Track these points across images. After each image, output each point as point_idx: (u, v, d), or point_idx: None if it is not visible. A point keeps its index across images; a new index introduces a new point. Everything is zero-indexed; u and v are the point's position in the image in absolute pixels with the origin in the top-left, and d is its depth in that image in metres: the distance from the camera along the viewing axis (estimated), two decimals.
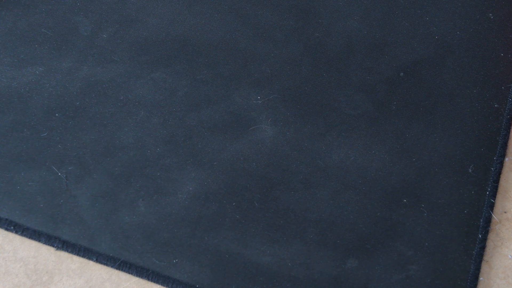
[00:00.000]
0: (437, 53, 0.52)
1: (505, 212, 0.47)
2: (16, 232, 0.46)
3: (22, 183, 0.47)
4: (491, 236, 0.46)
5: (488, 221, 0.46)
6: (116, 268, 0.45)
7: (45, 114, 0.49)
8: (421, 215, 0.46)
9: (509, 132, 0.49)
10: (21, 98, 0.50)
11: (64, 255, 0.45)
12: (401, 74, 0.51)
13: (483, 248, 0.45)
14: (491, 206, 0.47)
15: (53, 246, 0.45)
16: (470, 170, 0.48)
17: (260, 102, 0.51)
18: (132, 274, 0.45)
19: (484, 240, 0.46)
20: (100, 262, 0.45)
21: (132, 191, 0.47)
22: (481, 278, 0.45)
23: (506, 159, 0.49)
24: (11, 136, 0.49)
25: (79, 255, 0.45)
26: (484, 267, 0.45)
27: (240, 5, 0.54)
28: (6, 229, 0.46)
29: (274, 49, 0.52)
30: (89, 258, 0.45)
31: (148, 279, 0.44)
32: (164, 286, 0.44)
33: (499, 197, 0.47)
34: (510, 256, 0.46)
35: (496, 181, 0.47)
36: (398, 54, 0.52)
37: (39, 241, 0.46)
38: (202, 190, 0.47)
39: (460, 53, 0.52)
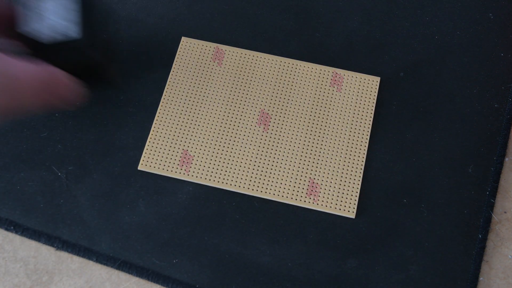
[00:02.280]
0: (437, 53, 0.52)
1: (505, 212, 0.47)
2: (16, 232, 0.46)
3: (22, 183, 0.47)
4: (491, 236, 0.46)
5: (488, 221, 0.46)
6: (116, 268, 0.45)
7: (45, 114, 0.49)
8: (421, 215, 0.46)
9: (509, 132, 0.49)
10: None
11: (64, 255, 0.45)
12: (401, 74, 0.51)
13: (483, 248, 0.45)
14: (491, 206, 0.47)
15: (53, 246, 0.45)
16: (470, 170, 0.48)
17: None
18: (132, 274, 0.45)
19: (484, 240, 0.46)
20: (100, 262, 0.45)
21: (132, 191, 0.47)
22: (481, 278, 0.45)
23: (506, 159, 0.49)
24: (11, 136, 0.49)
25: (79, 255, 0.45)
26: (484, 267, 0.45)
27: (240, 5, 0.54)
28: (6, 229, 0.46)
29: (274, 49, 0.52)
30: (89, 258, 0.45)
31: (148, 279, 0.44)
32: (164, 286, 0.44)
33: (499, 197, 0.47)
34: (510, 256, 0.46)
35: (496, 181, 0.47)
36: (398, 54, 0.52)
37: (39, 241, 0.46)
38: (202, 190, 0.47)
39: (460, 53, 0.52)
